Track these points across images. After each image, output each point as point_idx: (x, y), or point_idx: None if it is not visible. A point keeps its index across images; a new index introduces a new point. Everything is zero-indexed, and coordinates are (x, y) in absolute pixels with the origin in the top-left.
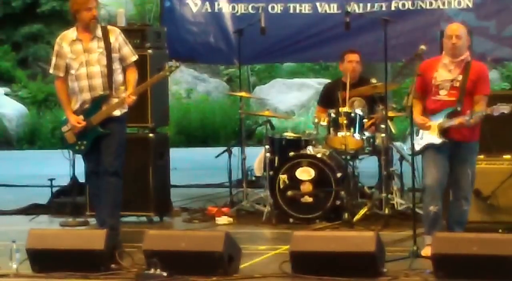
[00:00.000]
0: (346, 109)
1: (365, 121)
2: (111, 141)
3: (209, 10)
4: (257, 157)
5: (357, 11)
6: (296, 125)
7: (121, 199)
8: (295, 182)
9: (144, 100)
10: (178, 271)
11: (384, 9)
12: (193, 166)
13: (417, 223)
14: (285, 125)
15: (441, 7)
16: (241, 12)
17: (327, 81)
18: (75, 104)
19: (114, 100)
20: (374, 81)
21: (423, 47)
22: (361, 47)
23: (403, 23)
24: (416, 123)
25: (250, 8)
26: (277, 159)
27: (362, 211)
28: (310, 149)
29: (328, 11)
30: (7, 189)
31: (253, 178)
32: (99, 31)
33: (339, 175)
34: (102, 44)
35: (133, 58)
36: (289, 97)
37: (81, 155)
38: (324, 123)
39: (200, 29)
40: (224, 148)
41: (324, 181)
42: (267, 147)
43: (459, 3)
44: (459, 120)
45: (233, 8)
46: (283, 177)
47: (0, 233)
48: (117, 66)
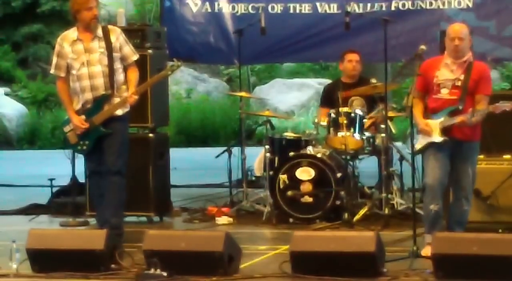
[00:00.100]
0: (346, 109)
1: (365, 121)
2: (113, 141)
3: (209, 10)
4: (257, 157)
5: (357, 11)
6: (296, 125)
7: (125, 198)
8: (295, 182)
9: (144, 100)
10: (178, 271)
11: (384, 9)
12: (193, 166)
13: (417, 223)
14: (285, 125)
15: (441, 7)
16: (241, 12)
17: (327, 81)
18: (77, 104)
19: (116, 99)
20: (374, 81)
21: (423, 47)
22: (361, 47)
23: (403, 23)
24: (417, 125)
25: (250, 8)
26: (277, 159)
27: (362, 211)
28: (310, 149)
29: (328, 11)
30: (7, 189)
31: (253, 178)
32: (100, 31)
33: (339, 175)
34: (103, 43)
35: (134, 57)
36: (289, 97)
37: (83, 155)
38: (324, 123)
39: (200, 29)
40: (224, 148)
41: (324, 181)
42: (267, 147)
43: (459, 3)
44: (461, 118)
45: (233, 8)
46: (283, 177)
47: (0, 233)
48: (118, 65)
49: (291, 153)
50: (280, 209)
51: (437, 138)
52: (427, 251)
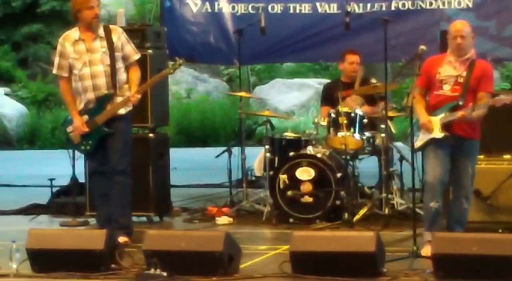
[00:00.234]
0: (346, 109)
1: (365, 121)
2: (116, 140)
3: (209, 10)
4: (257, 157)
5: (357, 11)
6: (296, 125)
7: (131, 197)
8: (295, 182)
9: (144, 100)
10: (178, 271)
11: (384, 9)
12: (193, 166)
13: (417, 223)
14: (285, 125)
15: (441, 7)
16: (241, 12)
17: (327, 81)
18: (80, 104)
19: (118, 99)
20: (374, 81)
21: (423, 47)
22: (361, 47)
23: (403, 23)
24: (419, 120)
25: (250, 8)
26: (277, 159)
27: (362, 211)
28: (310, 149)
29: (328, 11)
30: (7, 189)
31: (253, 178)
32: (101, 30)
33: (339, 175)
34: (104, 43)
35: (136, 56)
36: (289, 97)
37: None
38: (324, 123)
39: (200, 29)
40: (224, 148)
41: (324, 181)
42: (267, 147)
43: (459, 3)
44: (461, 112)
45: (233, 8)
46: (283, 177)
47: (0, 233)
48: (120, 65)
49: (291, 153)
50: (280, 209)
51: (438, 134)
52: (427, 250)
